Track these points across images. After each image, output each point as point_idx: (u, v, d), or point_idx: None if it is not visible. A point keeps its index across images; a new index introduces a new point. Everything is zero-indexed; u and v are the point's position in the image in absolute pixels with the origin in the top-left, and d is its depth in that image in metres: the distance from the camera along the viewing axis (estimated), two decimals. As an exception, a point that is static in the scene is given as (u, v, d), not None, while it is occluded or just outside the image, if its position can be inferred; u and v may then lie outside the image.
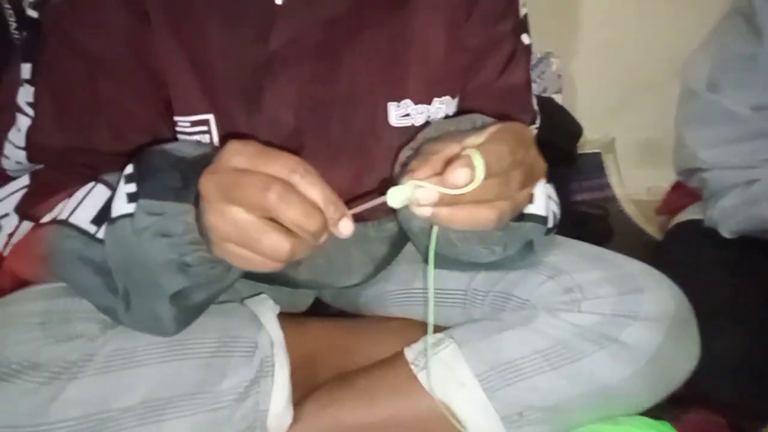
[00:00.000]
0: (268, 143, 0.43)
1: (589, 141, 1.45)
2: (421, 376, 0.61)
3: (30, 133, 0.54)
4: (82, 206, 0.49)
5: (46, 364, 0.48)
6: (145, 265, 0.45)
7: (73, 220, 0.49)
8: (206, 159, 0.44)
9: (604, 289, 0.59)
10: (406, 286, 0.74)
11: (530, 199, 0.55)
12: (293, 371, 0.59)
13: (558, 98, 1.37)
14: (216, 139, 0.57)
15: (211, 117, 0.57)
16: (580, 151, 1.41)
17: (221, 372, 0.54)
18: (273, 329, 0.59)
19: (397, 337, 0.70)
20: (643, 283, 0.60)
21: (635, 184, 1.45)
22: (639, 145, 1.47)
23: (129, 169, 0.47)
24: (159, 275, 0.45)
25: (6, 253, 0.54)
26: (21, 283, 0.54)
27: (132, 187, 0.46)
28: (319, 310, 0.84)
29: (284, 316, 0.62)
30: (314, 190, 0.40)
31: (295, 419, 0.59)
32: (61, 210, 0.50)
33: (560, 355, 0.57)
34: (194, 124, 0.57)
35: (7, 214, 0.54)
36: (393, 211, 0.45)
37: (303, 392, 0.64)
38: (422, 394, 0.60)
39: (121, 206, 0.46)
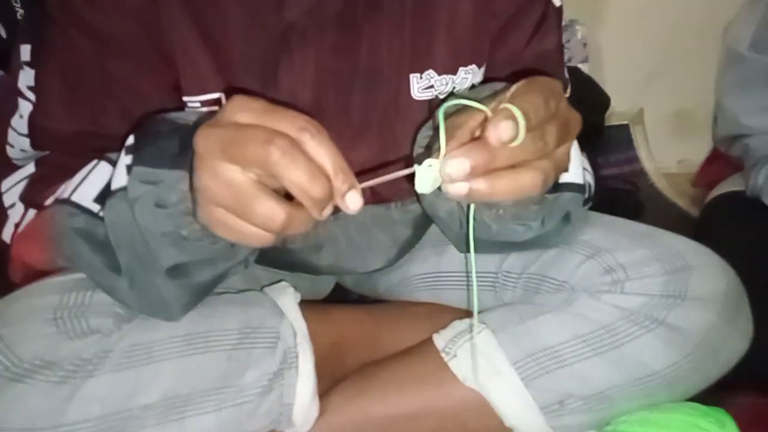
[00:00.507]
0: None
1: (617, 113, 1.39)
2: (453, 365, 0.58)
3: (34, 118, 0.51)
4: (84, 184, 0.47)
5: (61, 362, 0.46)
6: (141, 238, 0.42)
7: (75, 198, 0.46)
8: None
9: (649, 268, 0.55)
10: (431, 269, 0.71)
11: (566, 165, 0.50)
12: (318, 361, 0.57)
13: (584, 68, 1.31)
14: None
15: (223, 96, 0.53)
16: (607, 123, 1.35)
17: (244, 365, 0.51)
18: (295, 318, 0.57)
19: (425, 323, 0.67)
20: (692, 260, 0.56)
21: (665, 157, 1.39)
22: (669, 116, 1.41)
23: (130, 140, 0.44)
24: (155, 248, 0.42)
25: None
26: (32, 275, 0.52)
27: (131, 159, 0.42)
28: (340, 296, 0.81)
29: (306, 304, 0.60)
30: (324, 153, 0.35)
31: (322, 411, 0.57)
32: (64, 190, 0.48)
33: (603, 340, 0.54)
34: (205, 104, 0.53)
35: (13, 204, 0.52)
36: (416, 192, 0.40)
37: (329, 383, 0.61)
38: (454, 383, 0.57)
39: (120, 179, 0.43)
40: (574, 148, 0.50)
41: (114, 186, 0.43)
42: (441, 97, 0.58)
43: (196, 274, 0.46)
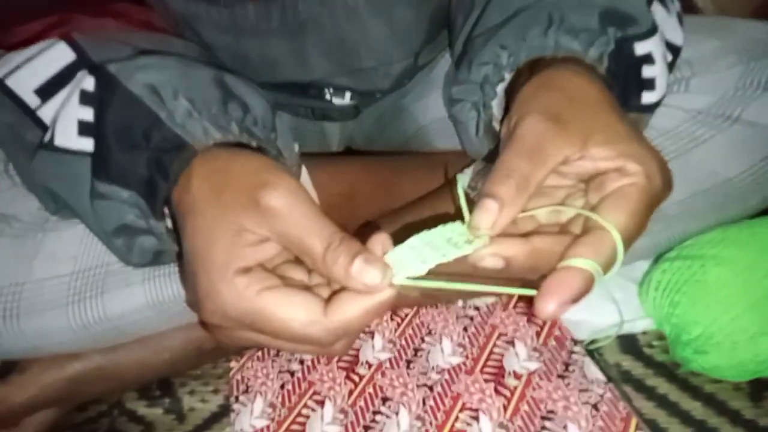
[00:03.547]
0: None
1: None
2: (477, 199, 0.50)
3: None
4: (27, 68, 0.39)
5: (19, 214, 0.39)
6: (89, 212, 0.38)
7: (10, 83, 0.38)
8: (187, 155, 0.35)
9: (721, 62, 0.45)
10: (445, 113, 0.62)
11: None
12: (330, 211, 0.49)
13: None
14: None
15: None
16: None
17: None
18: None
19: (444, 171, 0.59)
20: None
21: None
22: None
23: (88, 82, 0.36)
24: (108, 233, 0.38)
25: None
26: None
27: (88, 114, 0.36)
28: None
29: (312, 155, 0.54)
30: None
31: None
32: (4, 63, 0.39)
33: (664, 149, 0.45)
34: None
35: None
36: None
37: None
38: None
39: (69, 137, 0.36)
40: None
41: (59, 142, 0.36)
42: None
43: (144, 242, 0.39)
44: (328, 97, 0.60)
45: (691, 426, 0.47)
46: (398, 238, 0.32)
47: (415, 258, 0.30)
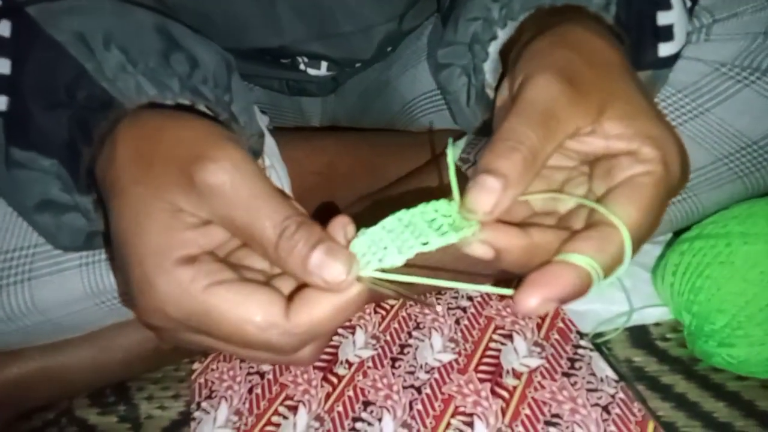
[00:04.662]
0: None
1: None
2: (471, 173, 0.44)
3: None
4: None
5: None
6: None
7: None
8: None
9: (746, 3, 0.39)
10: (435, 85, 0.56)
11: None
12: (305, 192, 0.46)
13: None
14: None
15: None
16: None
17: None
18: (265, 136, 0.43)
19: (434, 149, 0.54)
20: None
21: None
22: None
23: (3, 27, 0.31)
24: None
25: None
26: None
27: (3, 66, 0.31)
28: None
29: (286, 130, 0.51)
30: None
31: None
32: None
33: (682, 107, 0.39)
34: None
35: None
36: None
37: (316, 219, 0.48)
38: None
39: None
40: None
41: None
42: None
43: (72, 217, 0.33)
44: (302, 67, 0.54)
45: (716, 430, 0.41)
46: (371, 218, 0.26)
47: (390, 243, 0.24)
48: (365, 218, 0.26)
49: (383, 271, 0.24)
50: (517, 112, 0.25)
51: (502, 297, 0.50)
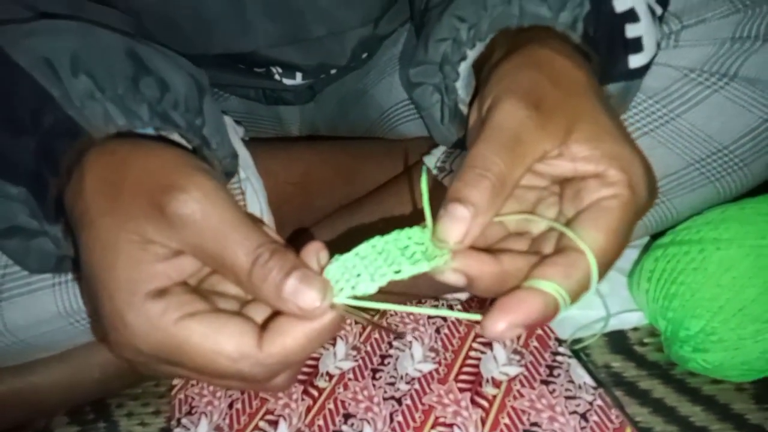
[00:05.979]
0: None
1: None
2: (448, 182, 0.44)
3: None
4: None
5: None
6: None
7: None
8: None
9: (714, 10, 0.39)
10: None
11: None
12: (282, 202, 0.46)
13: None
14: None
15: None
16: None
17: None
18: (238, 149, 0.42)
19: (413, 157, 0.54)
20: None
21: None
22: None
23: None
24: None
25: None
26: None
27: None
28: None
29: (261, 141, 0.50)
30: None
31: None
32: None
33: (654, 113, 0.39)
34: None
35: None
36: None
37: (296, 227, 0.48)
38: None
39: None
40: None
41: None
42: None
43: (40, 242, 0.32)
44: (277, 77, 0.53)
45: (692, 434, 0.41)
46: (345, 243, 0.26)
47: (363, 271, 0.24)
48: (339, 244, 0.26)
49: (356, 298, 0.24)
50: (485, 138, 0.25)
51: (481, 304, 0.50)
